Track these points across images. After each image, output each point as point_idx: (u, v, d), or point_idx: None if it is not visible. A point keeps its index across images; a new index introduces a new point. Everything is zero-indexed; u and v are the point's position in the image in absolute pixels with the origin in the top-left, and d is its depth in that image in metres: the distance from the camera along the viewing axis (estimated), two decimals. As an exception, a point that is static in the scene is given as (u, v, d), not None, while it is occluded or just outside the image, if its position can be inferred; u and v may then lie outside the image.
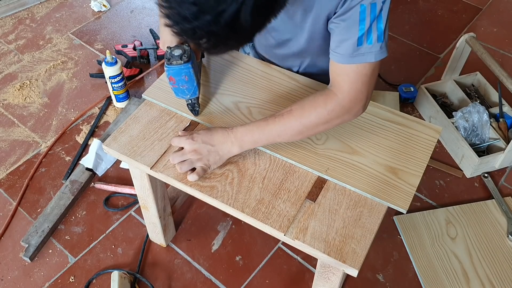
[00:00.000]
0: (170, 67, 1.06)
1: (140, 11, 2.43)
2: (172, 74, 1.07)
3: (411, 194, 1.05)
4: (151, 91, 1.25)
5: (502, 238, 1.55)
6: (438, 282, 1.46)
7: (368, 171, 1.09)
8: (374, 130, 1.17)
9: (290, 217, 1.03)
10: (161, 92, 1.24)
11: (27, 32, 2.30)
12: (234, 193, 1.06)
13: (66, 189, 1.66)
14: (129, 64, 2.12)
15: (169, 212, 1.47)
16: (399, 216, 1.61)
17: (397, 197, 1.05)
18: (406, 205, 1.04)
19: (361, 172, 1.09)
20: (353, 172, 1.09)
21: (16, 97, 2.00)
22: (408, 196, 1.05)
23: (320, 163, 1.10)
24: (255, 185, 1.08)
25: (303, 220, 1.02)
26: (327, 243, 0.99)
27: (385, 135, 1.16)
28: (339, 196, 1.07)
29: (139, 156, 1.12)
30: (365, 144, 1.14)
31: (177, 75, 1.07)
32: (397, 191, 1.06)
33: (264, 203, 1.05)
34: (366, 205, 1.05)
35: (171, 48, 1.07)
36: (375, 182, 1.07)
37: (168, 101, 1.22)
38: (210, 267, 1.52)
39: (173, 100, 1.21)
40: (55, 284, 1.48)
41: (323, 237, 1.00)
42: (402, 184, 1.07)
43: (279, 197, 1.06)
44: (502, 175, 1.75)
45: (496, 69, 1.69)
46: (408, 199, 1.04)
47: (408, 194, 1.05)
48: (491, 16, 2.41)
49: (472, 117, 1.74)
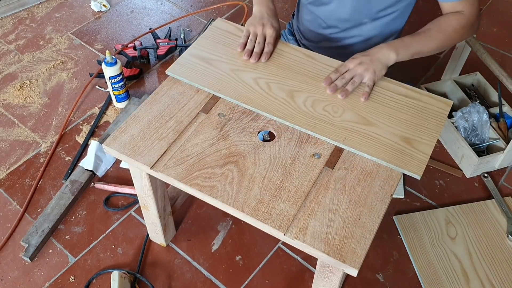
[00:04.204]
0: None
1: (140, 11, 2.43)
2: None
3: (424, 161, 1.10)
4: (174, 68, 1.29)
5: (502, 238, 1.55)
6: (438, 282, 1.46)
7: (384, 141, 1.14)
8: (388, 103, 1.23)
9: (290, 216, 1.03)
10: (184, 69, 1.29)
11: (27, 32, 2.30)
12: (234, 193, 1.06)
13: (66, 189, 1.67)
14: (129, 64, 2.12)
15: (169, 212, 1.47)
16: (399, 216, 1.62)
17: (412, 164, 1.10)
18: (420, 171, 1.09)
19: (377, 142, 1.14)
20: (369, 142, 1.14)
21: (16, 97, 2.00)
22: (422, 164, 1.10)
23: (338, 133, 1.16)
24: (255, 185, 1.08)
25: (303, 220, 1.03)
26: (327, 242, 0.99)
27: (399, 108, 1.22)
28: (339, 196, 1.07)
29: (139, 155, 1.13)
30: (380, 116, 1.20)
31: None
32: (411, 159, 1.11)
33: (264, 203, 1.05)
34: (366, 205, 1.05)
35: None
36: (390, 151, 1.13)
37: (191, 77, 1.27)
38: (210, 267, 1.52)
39: (195, 76, 1.27)
40: (55, 284, 1.48)
41: (323, 237, 1.00)
42: (416, 153, 1.12)
43: (279, 197, 1.06)
44: (502, 175, 1.75)
45: (496, 69, 1.69)
46: (422, 166, 1.10)
47: (422, 162, 1.10)
48: (491, 16, 2.41)
49: (472, 117, 1.75)
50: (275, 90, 1.24)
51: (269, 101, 1.22)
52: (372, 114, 1.20)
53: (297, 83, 1.26)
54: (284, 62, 1.32)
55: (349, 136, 1.15)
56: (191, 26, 2.35)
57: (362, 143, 1.14)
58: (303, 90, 1.25)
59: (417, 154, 1.12)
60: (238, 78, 1.27)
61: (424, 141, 1.14)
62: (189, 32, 2.31)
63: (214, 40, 1.37)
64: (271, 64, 1.31)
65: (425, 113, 1.20)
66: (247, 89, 1.25)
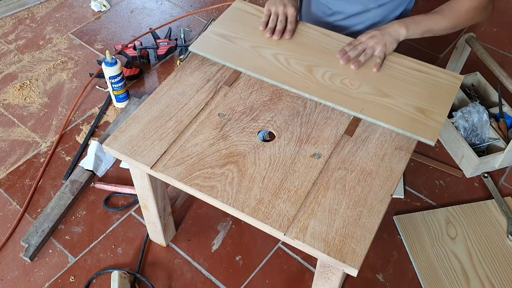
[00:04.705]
0: None
1: (140, 11, 2.43)
2: None
3: (438, 129, 1.16)
4: (196, 45, 1.33)
5: (502, 238, 1.55)
6: (438, 282, 1.46)
7: (399, 111, 1.19)
8: (402, 77, 1.28)
9: (290, 216, 1.03)
10: (206, 45, 1.33)
11: (27, 32, 2.30)
12: (234, 193, 1.06)
13: (66, 189, 1.67)
14: (129, 64, 2.12)
15: (169, 212, 1.47)
16: (399, 216, 1.62)
17: (426, 132, 1.15)
18: (434, 138, 1.14)
19: (393, 111, 1.19)
20: (385, 112, 1.19)
21: (16, 97, 2.00)
22: (436, 131, 1.15)
23: (356, 104, 1.21)
24: (255, 185, 1.08)
25: (303, 220, 1.03)
26: (327, 242, 0.99)
27: (413, 81, 1.27)
28: (339, 196, 1.07)
29: (139, 155, 1.13)
30: (395, 89, 1.25)
31: None
32: (425, 127, 1.16)
33: (264, 203, 1.05)
34: (366, 205, 1.05)
35: None
36: (406, 120, 1.17)
37: (213, 53, 1.31)
38: (210, 267, 1.52)
39: (217, 52, 1.31)
40: (55, 284, 1.48)
41: (323, 237, 1.00)
42: (430, 121, 1.17)
43: (279, 197, 1.06)
44: (502, 175, 1.75)
45: (496, 69, 1.69)
46: (436, 133, 1.15)
47: (436, 130, 1.15)
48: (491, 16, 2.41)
49: (472, 117, 1.75)
50: (294, 65, 1.29)
51: (289, 75, 1.27)
52: (387, 87, 1.25)
53: (315, 59, 1.31)
54: (302, 40, 1.36)
55: (367, 107, 1.20)
56: (191, 26, 2.35)
57: (379, 113, 1.19)
58: (321, 65, 1.29)
59: (431, 122, 1.17)
60: (258, 54, 1.32)
61: (437, 111, 1.19)
62: (189, 32, 2.31)
63: (233, 20, 1.41)
64: (290, 42, 1.36)
65: (437, 86, 1.26)
66: (267, 64, 1.29)
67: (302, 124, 1.20)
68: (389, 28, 1.31)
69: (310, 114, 1.22)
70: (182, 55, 2.08)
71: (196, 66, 1.33)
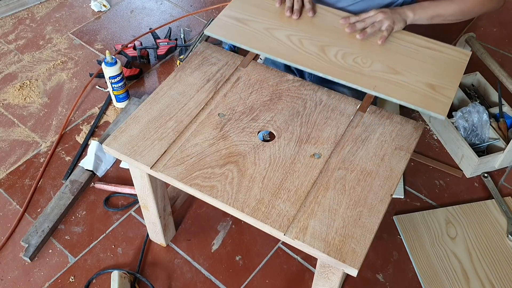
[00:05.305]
0: None
1: (140, 11, 2.43)
2: None
3: (448, 104, 1.20)
4: (211, 28, 1.36)
5: (502, 238, 1.55)
6: (438, 282, 1.46)
7: (410, 88, 1.23)
8: (413, 55, 1.32)
9: (290, 216, 1.03)
10: (221, 29, 1.36)
11: (27, 32, 2.30)
12: (234, 193, 1.06)
13: (66, 189, 1.67)
14: (129, 64, 2.12)
15: (169, 212, 1.47)
16: (399, 216, 1.62)
17: (437, 107, 1.19)
18: (445, 112, 1.18)
19: (404, 88, 1.23)
20: (397, 89, 1.23)
21: (16, 97, 2.00)
22: (446, 106, 1.19)
23: (368, 81, 1.24)
24: (255, 185, 1.08)
25: (303, 220, 1.03)
26: (326, 242, 0.99)
27: (423, 59, 1.30)
28: (339, 196, 1.07)
29: (139, 155, 1.13)
30: (406, 66, 1.28)
31: None
32: (436, 102, 1.20)
33: (264, 203, 1.05)
34: (366, 205, 1.05)
35: None
36: (417, 96, 1.21)
37: (228, 36, 1.34)
38: (210, 267, 1.52)
39: (232, 35, 1.34)
40: (55, 284, 1.48)
41: (323, 237, 1.00)
42: (440, 97, 1.21)
43: (279, 197, 1.06)
44: (502, 175, 1.75)
45: (496, 69, 1.69)
46: (446, 107, 1.19)
47: (446, 104, 1.20)
48: (491, 16, 2.41)
49: (472, 117, 1.75)
50: (307, 46, 1.32)
51: (302, 55, 1.30)
52: (398, 64, 1.29)
53: (328, 39, 1.34)
54: (314, 20, 1.39)
55: (379, 84, 1.23)
56: (191, 26, 2.34)
57: (391, 90, 1.22)
58: (334, 45, 1.32)
59: (441, 97, 1.21)
60: (272, 35, 1.34)
61: (447, 86, 1.23)
62: (189, 32, 2.31)
63: (246, 2, 1.44)
64: (303, 23, 1.38)
65: (447, 62, 1.30)
66: (281, 45, 1.32)
67: (302, 124, 1.20)
68: (397, 9, 1.35)
69: (310, 114, 1.22)
70: (182, 55, 2.08)
71: (196, 66, 1.33)
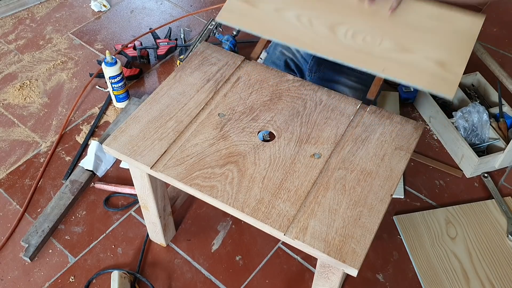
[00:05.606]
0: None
1: (140, 11, 2.43)
2: None
3: (456, 82, 1.19)
4: (222, 15, 1.35)
5: (502, 238, 1.55)
6: (438, 282, 1.46)
7: (419, 67, 1.22)
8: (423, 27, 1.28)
9: (290, 216, 1.03)
10: (231, 14, 1.35)
11: (27, 32, 2.30)
12: (234, 193, 1.06)
13: (66, 189, 1.67)
14: (129, 64, 2.12)
15: (169, 212, 1.47)
16: (399, 216, 1.62)
17: (445, 87, 1.18)
18: (452, 92, 1.18)
19: (413, 68, 1.22)
20: (406, 70, 1.22)
21: (16, 97, 2.00)
22: (454, 85, 1.18)
23: (377, 63, 1.24)
24: (255, 185, 1.08)
25: (303, 220, 1.03)
26: (326, 242, 0.99)
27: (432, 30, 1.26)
28: (339, 196, 1.07)
29: (139, 155, 1.13)
30: (415, 41, 1.25)
31: None
32: (444, 82, 1.19)
33: (264, 203, 1.05)
34: (366, 205, 1.05)
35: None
36: (426, 76, 1.20)
37: (237, 21, 1.34)
38: (210, 267, 1.52)
39: (242, 20, 1.33)
40: (55, 284, 1.48)
41: (323, 237, 1.00)
42: (449, 75, 1.19)
43: (279, 197, 1.06)
44: (502, 175, 1.75)
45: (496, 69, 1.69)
46: (454, 87, 1.18)
47: (454, 83, 1.19)
48: (491, 16, 2.41)
49: (472, 117, 1.75)
50: (316, 26, 1.30)
51: (311, 37, 1.29)
52: (408, 39, 1.26)
53: (338, 16, 1.31)
54: None
55: (388, 66, 1.23)
56: (191, 26, 2.35)
57: (400, 71, 1.22)
58: (344, 22, 1.29)
59: (450, 75, 1.19)
60: (281, 17, 1.33)
61: (456, 61, 1.21)
62: (189, 32, 2.31)
63: None
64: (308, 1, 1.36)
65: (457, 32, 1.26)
66: (290, 28, 1.31)
67: (302, 124, 1.20)
68: None
69: (310, 114, 1.22)
70: (182, 55, 2.08)
71: (196, 66, 1.33)
